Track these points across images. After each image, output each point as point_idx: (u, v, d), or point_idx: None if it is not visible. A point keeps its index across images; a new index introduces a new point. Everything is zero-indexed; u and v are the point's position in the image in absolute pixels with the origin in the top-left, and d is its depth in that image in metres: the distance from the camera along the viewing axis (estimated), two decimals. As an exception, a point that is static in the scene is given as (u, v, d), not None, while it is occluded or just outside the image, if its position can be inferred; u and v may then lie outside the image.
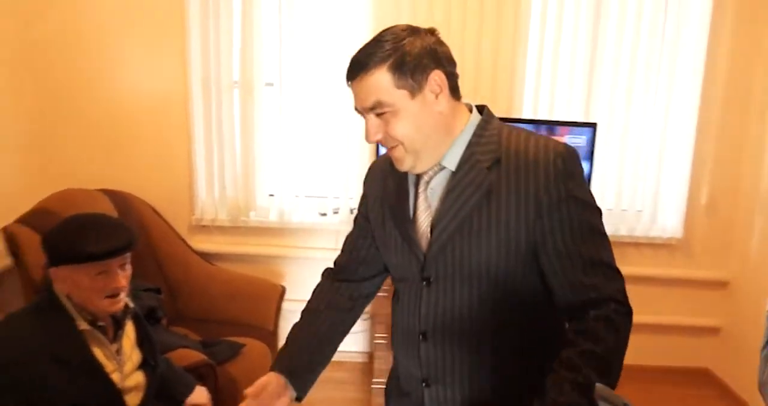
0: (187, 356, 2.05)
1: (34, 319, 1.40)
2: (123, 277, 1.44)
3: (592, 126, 2.52)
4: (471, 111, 1.13)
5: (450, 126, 1.08)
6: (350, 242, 1.33)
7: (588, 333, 1.02)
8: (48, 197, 2.33)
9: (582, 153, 2.46)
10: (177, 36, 2.70)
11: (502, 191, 1.05)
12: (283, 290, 2.62)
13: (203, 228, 2.90)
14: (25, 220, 2.17)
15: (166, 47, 2.73)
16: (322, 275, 1.37)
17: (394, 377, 1.32)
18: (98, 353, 1.45)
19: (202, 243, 2.85)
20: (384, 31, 1.06)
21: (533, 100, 2.73)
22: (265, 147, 2.82)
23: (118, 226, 1.46)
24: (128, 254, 1.47)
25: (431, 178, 1.12)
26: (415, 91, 1.03)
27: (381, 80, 1.02)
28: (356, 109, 1.07)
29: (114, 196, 2.54)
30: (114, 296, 1.42)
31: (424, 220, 1.13)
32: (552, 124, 2.54)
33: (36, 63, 2.64)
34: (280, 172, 2.84)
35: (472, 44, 2.64)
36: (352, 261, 1.32)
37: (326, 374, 1.32)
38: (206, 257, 2.77)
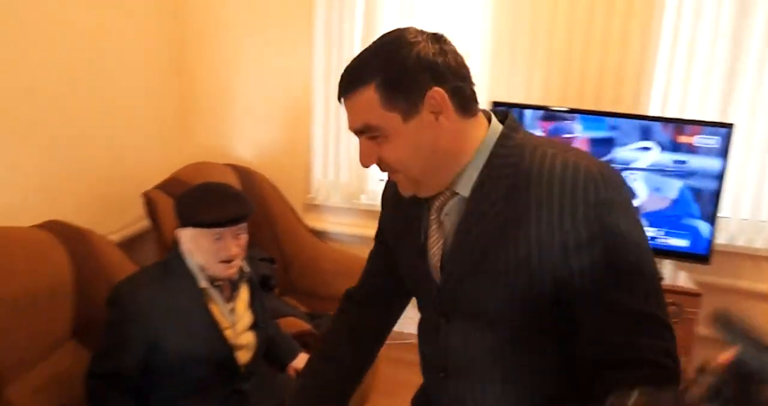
0: (295, 324, 2.18)
1: (160, 274, 1.56)
2: (235, 245, 1.55)
3: (728, 127, 2.33)
4: (490, 121, 0.95)
5: (459, 147, 0.91)
6: (369, 261, 1.23)
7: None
8: (182, 168, 2.56)
9: (713, 155, 2.31)
10: (304, 29, 2.83)
11: (522, 225, 0.88)
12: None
13: (317, 207, 3.05)
14: (162, 187, 2.40)
15: (294, 40, 2.88)
16: (342, 299, 1.25)
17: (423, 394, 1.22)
18: (214, 309, 1.59)
19: (314, 221, 3.00)
20: (379, 37, 0.91)
21: (662, 97, 2.56)
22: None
23: (235, 198, 1.58)
24: (242, 225, 1.57)
25: (443, 204, 0.96)
26: (409, 112, 0.87)
27: (368, 101, 0.87)
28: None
29: (239, 170, 2.73)
30: (227, 261, 1.54)
31: (436, 252, 0.99)
32: (680, 123, 2.38)
33: (180, 52, 2.89)
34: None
35: (598, 36, 2.53)
36: (371, 282, 1.21)
37: (399, 354, 1.29)
38: (318, 234, 2.91)
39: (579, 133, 2.44)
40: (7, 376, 1.47)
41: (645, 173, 2.40)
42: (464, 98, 0.91)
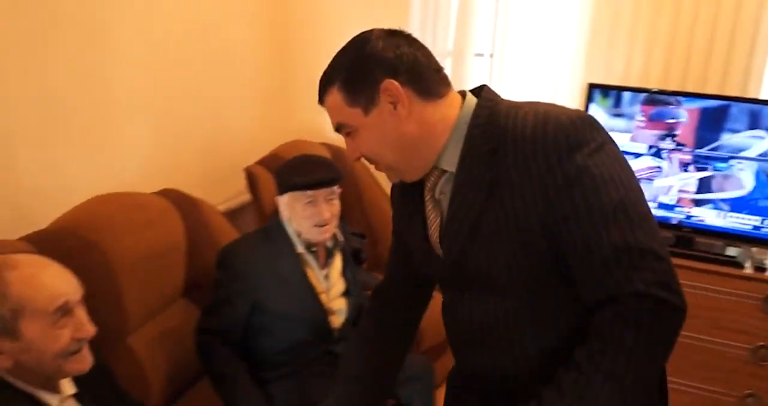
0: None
1: (262, 239, 1.69)
2: (327, 210, 1.65)
3: None
4: (465, 98, 0.99)
5: (428, 130, 0.95)
6: (389, 257, 1.26)
7: (595, 335, 0.86)
8: (281, 145, 2.70)
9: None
10: (401, 13, 2.87)
11: (505, 185, 0.90)
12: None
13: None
14: (262, 162, 2.54)
15: (388, 17, 2.93)
16: (370, 297, 1.29)
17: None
18: (310, 274, 1.69)
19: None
20: (346, 43, 1.00)
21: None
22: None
23: (326, 164, 1.68)
24: (333, 190, 1.67)
25: (435, 184, 1.01)
26: (368, 106, 0.94)
27: (335, 101, 0.96)
28: None
29: (332, 149, 2.83)
30: (320, 225, 1.63)
31: (434, 230, 1.03)
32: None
33: (282, 37, 3.01)
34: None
35: (705, 12, 2.38)
36: (394, 278, 1.24)
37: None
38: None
39: (684, 119, 2.34)
40: (130, 326, 1.64)
41: (755, 163, 2.28)
42: (424, 84, 0.95)
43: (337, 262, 1.78)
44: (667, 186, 2.42)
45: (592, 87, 2.45)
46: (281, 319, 1.65)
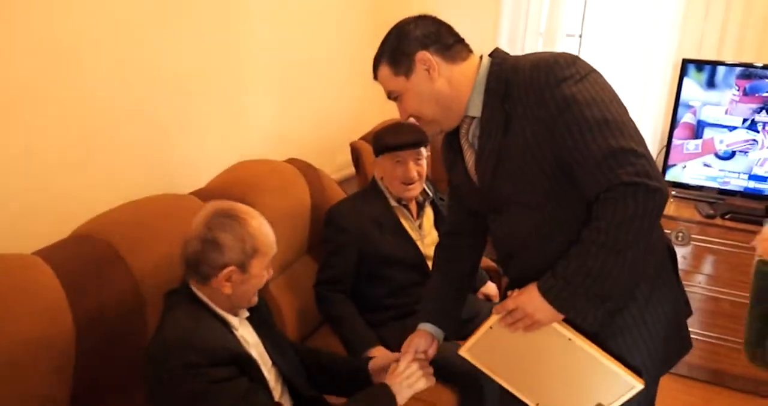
0: (483, 261, 2.43)
1: (363, 197, 1.95)
2: (414, 170, 1.88)
3: None
4: (482, 59, 1.23)
5: (455, 87, 1.20)
6: (449, 203, 1.53)
7: (593, 218, 1.08)
8: (380, 123, 2.90)
9: None
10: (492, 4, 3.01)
11: (515, 121, 1.13)
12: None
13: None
14: (366, 138, 2.76)
15: (481, 3, 3.07)
16: (441, 235, 1.57)
17: None
18: (405, 224, 1.93)
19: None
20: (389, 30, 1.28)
21: None
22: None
23: (412, 128, 1.90)
24: (420, 152, 1.90)
25: (468, 130, 1.25)
26: (408, 73, 1.20)
27: (384, 74, 1.24)
28: None
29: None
30: (407, 183, 1.86)
31: (471, 165, 1.27)
32: None
33: (378, 26, 3.22)
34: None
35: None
36: (453, 220, 1.51)
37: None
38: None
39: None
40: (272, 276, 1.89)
41: None
42: (449, 52, 1.21)
43: (429, 214, 2.00)
44: (763, 158, 2.47)
45: (686, 62, 2.51)
46: (385, 263, 1.89)
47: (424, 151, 1.96)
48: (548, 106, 1.08)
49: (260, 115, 2.39)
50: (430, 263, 1.91)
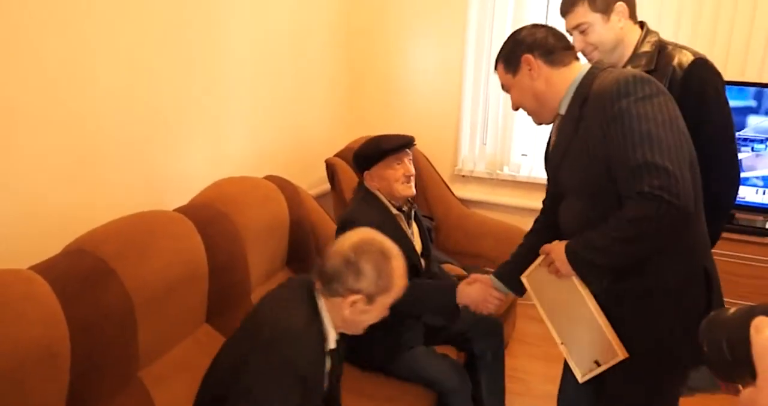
0: (453, 269, 2.55)
1: (366, 205, 1.99)
2: (410, 166, 2.01)
3: None
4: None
5: (552, 88, 1.41)
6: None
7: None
8: (354, 140, 3.01)
9: None
10: (459, 12, 3.17)
11: (584, 122, 1.32)
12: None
13: (463, 177, 3.39)
14: (341, 155, 2.86)
15: (449, 22, 3.22)
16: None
17: None
18: (405, 230, 2.01)
19: (460, 190, 3.35)
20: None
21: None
22: (522, 113, 3.16)
23: (398, 134, 2.04)
24: (410, 152, 2.03)
25: (555, 126, 1.50)
26: (515, 72, 1.44)
27: (500, 72, 1.49)
28: None
29: (398, 144, 3.14)
30: (407, 181, 1.96)
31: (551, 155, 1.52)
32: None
33: (349, 48, 3.35)
34: (534, 135, 3.17)
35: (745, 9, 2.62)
36: (546, 206, 1.71)
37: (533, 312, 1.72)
38: (463, 202, 3.26)
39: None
40: (252, 286, 1.96)
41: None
42: (552, 56, 1.42)
43: (415, 226, 2.09)
44: None
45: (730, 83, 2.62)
46: None
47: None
48: (607, 113, 1.26)
49: (240, 134, 2.48)
50: (421, 272, 2.02)
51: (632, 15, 1.67)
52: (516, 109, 1.51)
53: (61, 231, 1.52)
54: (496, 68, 1.52)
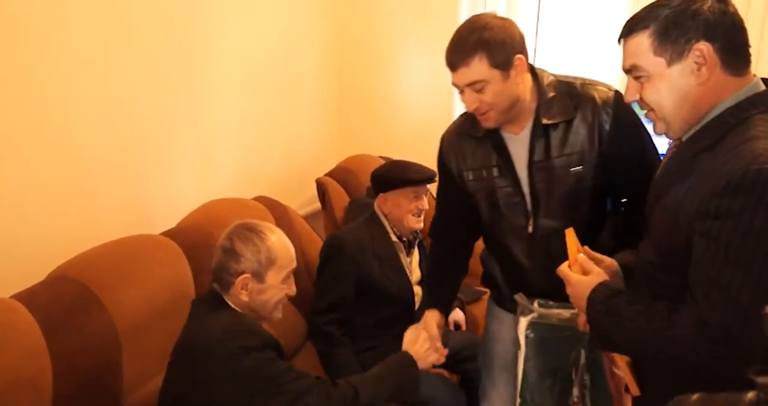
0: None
1: (365, 228, 1.98)
2: (425, 202, 1.97)
3: None
4: (753, 82, 1.02)
5: (715, 100, 1.01)
6: None
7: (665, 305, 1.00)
8: (346, 159, 3.01)
9: None
10: (449, 28, 3.16)
11: (697, 174, 1.00)
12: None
13: (454, 196, 3.39)
14: (332, 174, 2.85)
15: (439, 39, 3.20)
16: None
17: None
18: (402, 260, 1.99)
19: (452, 209, 3.34)
20: None
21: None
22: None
23: (423, 166, 2.00)
24: (429, 189, 1.98)
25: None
26: (673, 59, 1.00)
27: (640, 45, 1.03)
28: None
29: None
30: (419, 215, 1.94)
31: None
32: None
33: (341, 62, 3.36)
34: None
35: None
36: None
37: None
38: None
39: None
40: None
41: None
42: (732, 57, 0.99)
43: (416, 254, 2.07)
44: None
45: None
46: (378, 297, 1.93)
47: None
48: (710, 204, 0.94)
49: (228, 156, 2.48)
50: (417, 300, 2.00)
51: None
52: (633, 101, 1.10)
53: (45, 257, 1.50)
54: (628, 36, 1.05)
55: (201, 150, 2.31)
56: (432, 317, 1.63)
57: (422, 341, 1.49)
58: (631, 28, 1.05)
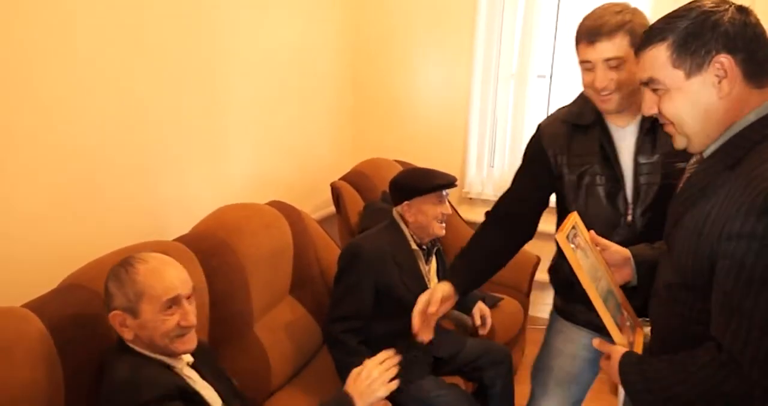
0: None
1: (385, 235, 1.94)
2: (448, 206, 1.94)
3: None
4: None
5: (736, 114, 0.97)
6: None
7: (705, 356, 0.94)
8: (360, 163, 2.98)
9: None
10: (467, 32, 3.14)
11: (724, 192, 0.95)
12: (537, 260, 2.92)
13: (470, 200, 3.35)
14: (346, 178, 2.83)
15: (456, 43, 3.20)
16: None
17: None
18: (422, 268, 1.96)
19: (468, 213, 3.29)
20: (688, 4, 1.01)
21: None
22: (531, 134, 3.12)
23: (442, 172, 1.96)
24: (449, 194, 1.97)
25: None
26: (693, 72, 0.97)
27: (658, 57, 0.99)
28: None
29: (404, 165, 3.10)
30: (442, 221, 1.91)
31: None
32: None
33: (356, 65, 3.34)
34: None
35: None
36: None
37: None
38: (471, 225, 3.21)
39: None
40: (256, 316, 1.92)
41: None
42: (756, 69, 0.95)
43: (433, 262, 2.03)
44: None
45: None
46: (396, 305, 1.87)
47: None
48: (733, 226, 0.90)
49: (242, 159, 2.46)
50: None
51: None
52: (665, 123, 1.05)
53: (57, 264, 1.49)
54: (645, 48, 1.01)
55: (214, 154, 2.29)
56: (441, 287, 1.51)
57: (365, 377, 1.36)
58: (648, 40, 1.01)
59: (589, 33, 1.35)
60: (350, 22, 3.22)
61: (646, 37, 1.02)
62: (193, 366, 1.36)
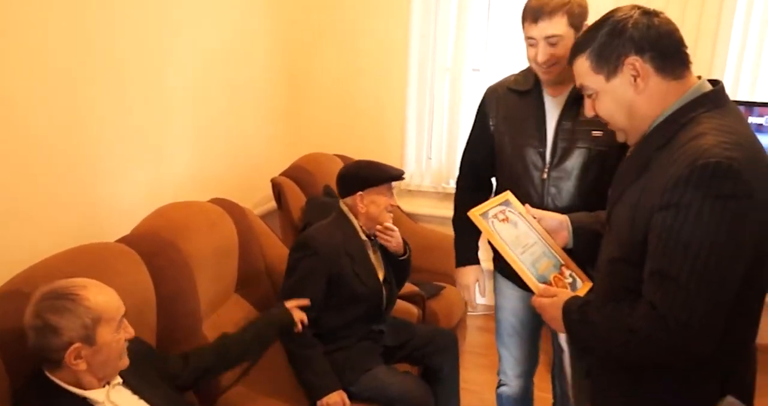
0: (406, 287, 2.54)
1: (335, 227, 1.95)
2: (395, 198, 2.00)
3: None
4: (697, 84, 1.10)
5: (659, 104, 1.09)
6: None
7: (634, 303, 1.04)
8: (301, 158, 2.97)
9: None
10: (402, 26, 3.18)
11: (649, 177, 1.06)
12: (476, 248, 3.02)
13: (410, 192, 3.40)
14: (287, 173, 2.81)
15: (391, 36, 3.23)
16: None
17: None
18: (372, 257, 1.99)
19: (408, 205, 3.36)
20: (603, 17, 1.14)
21: (733, 81, 2.76)
22: (466, 126, 3.21)
23: (388, 164, 2.01)
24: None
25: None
26: (610, 75, 1.10)
27: (582, 66, 1.14)
28: None
29: (344, 159, 3.12)
30: (391, 211, 1.95)
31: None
32: (750, 105, 2.58)
33: (291, 61, 3.30)
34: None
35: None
36: None
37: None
38: (411, 216, 3.27)
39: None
40: (203, 314, 1.89)
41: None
42: (666, 63, 1.08)
43: (379, 254, 2.07)
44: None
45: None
46: (348, 296, 1.91)
47: None
48: (661, 199, 1.00)
49: (180, 158, 2.40)
50: (384, 299, 2.00)
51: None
52: (607, 124, 1.19)
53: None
54: (572, 61, 1.17)
55: (152, 153, 2.22)
56: (473, 271, 1.84)
57: None
58: (574, 53, 1.17)
59: (533, 12, 1.52)
60: (284, 17, 3.19)
61: (572, 50, 1.18)
62: (125, 384, 1.32)
